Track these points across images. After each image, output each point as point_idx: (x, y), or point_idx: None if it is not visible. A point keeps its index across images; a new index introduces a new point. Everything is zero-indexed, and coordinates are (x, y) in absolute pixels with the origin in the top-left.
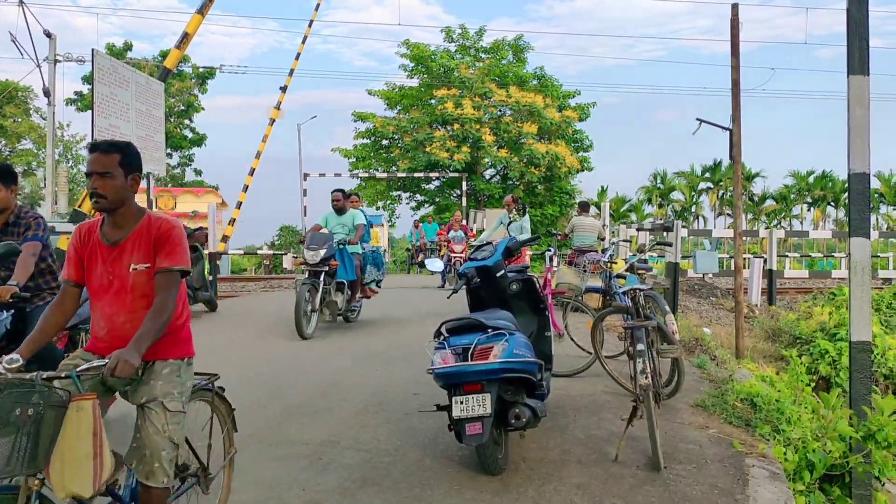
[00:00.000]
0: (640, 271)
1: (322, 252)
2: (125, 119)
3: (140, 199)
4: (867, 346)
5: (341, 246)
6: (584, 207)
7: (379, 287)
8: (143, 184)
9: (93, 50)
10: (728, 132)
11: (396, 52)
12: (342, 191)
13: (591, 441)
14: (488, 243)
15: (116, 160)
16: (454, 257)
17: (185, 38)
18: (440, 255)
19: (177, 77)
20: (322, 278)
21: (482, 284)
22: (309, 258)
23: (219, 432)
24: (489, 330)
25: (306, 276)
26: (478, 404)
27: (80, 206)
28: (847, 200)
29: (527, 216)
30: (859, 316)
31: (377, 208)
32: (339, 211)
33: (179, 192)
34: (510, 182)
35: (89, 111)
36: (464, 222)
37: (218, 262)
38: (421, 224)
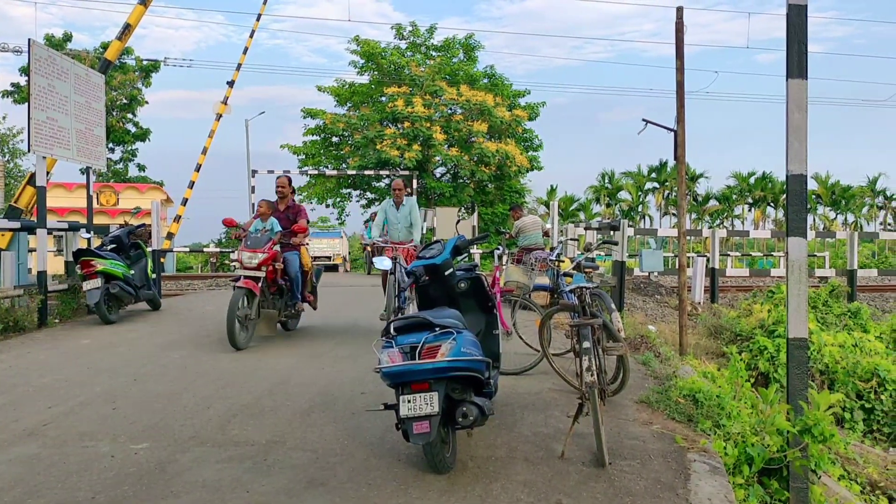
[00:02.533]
0: (586, 270)
1: None
2: (63, 112)
3: (80, 195)
4: (804, 342)
5: None
6: (518, 209)
7: None
8: (82, 179)
9: (29, 40)
10: (673, 133)
11: (347, 49)
12: None
13: (538, 438)
14: (437, 241)
15: None
16: (247, 274)
17: (127, 29)
18: None
19: (119, 69)
20: None
21: (431, 283)
22: None
23: None
24: (437, 328)
25: None
26: (425, 403)
27: (16, 202)
28: (785, 201)
29: (414, 201)
30: (796, 313)
31: (327, 206)
32: None
33: (122, 188)
34: (461, 180)
35: (26, 103)
36: (295, 199)
37: (162, 260)
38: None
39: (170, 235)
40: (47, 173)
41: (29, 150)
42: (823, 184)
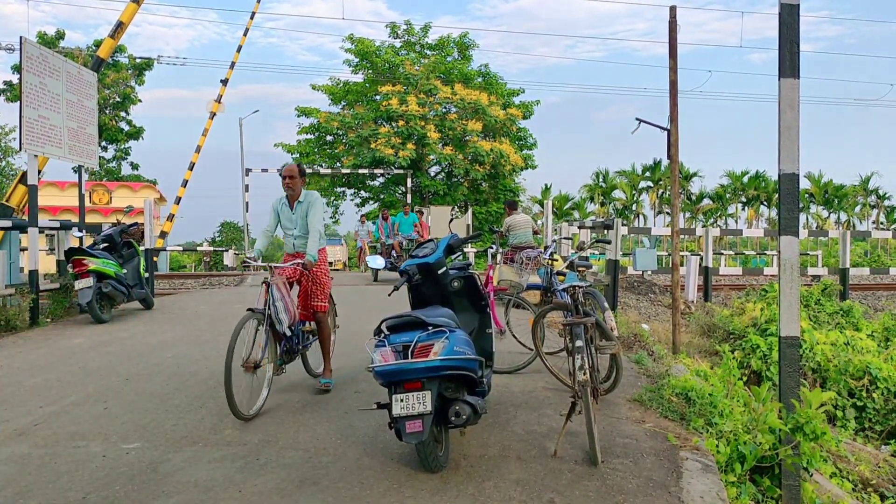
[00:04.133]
0: (580, 268)
1: None
2: (55, 110)
3: (72, 194)
4: (796, 341)
5: None
6: (512, 206)
7: None
8: (75, 177)
9: (21, 38)
10: (666, 132)
11: (341, 48)
12: None
13: (531, 437)
14: (430, 240)
15: None
16: None
17: (120, 27)
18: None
19: (112, 68)
20: None
21: (424, 282)
22: None
23: None
24: (430, 327)
25: None
26: (418, 402)
27: (7, 201)
28: (778, 200)
29: (315, 196)
30: (788, 312)
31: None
32: None
33: (115, 187)
34: (455, 179)
35: (18, 102)
36: None
37: (155, 259)
38: (392, 215)
39: (163, 234)
40: (39, 172)
41: (21, 149)
42: (816, 183)
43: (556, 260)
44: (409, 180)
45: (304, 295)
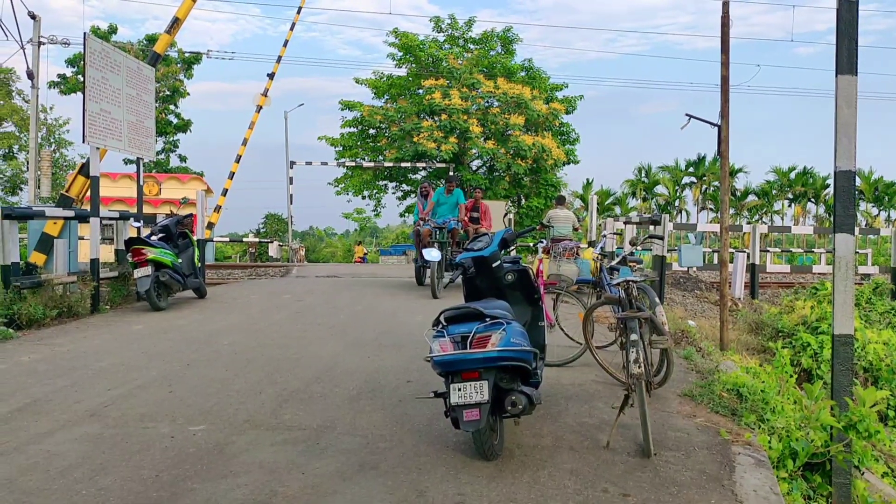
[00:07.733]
0: (631, 264)
1: None
2: (116, 104)
3: (124, 185)
4: (850, 339)
5: None
6: (560, 201)
7: None
8: (132, 169)
9: (84, 34)
10: (716, 128)
11: (384, 41)
12: None
13: (583, 428)
14: (485, 234)
15: None
16: None
17: (176, 23)
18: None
19: (162, 62)
20: None
21: (478, 274)
22: None
23: None
24: (487, 319)
25: None
26: (475, 391)
27: (67, 191)
28: (829, 197)
29: None
30: (842, 310)
31: (363, 197)
32: None
33: (164, 178)
34: (496, 173)
35: (73, 94)
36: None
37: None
38: (434, 189)
39: (210, 225)
40: None
41: (84, 141)
42: (866, 180)
43: (605, 256)
44: (451, 174)
45: None
